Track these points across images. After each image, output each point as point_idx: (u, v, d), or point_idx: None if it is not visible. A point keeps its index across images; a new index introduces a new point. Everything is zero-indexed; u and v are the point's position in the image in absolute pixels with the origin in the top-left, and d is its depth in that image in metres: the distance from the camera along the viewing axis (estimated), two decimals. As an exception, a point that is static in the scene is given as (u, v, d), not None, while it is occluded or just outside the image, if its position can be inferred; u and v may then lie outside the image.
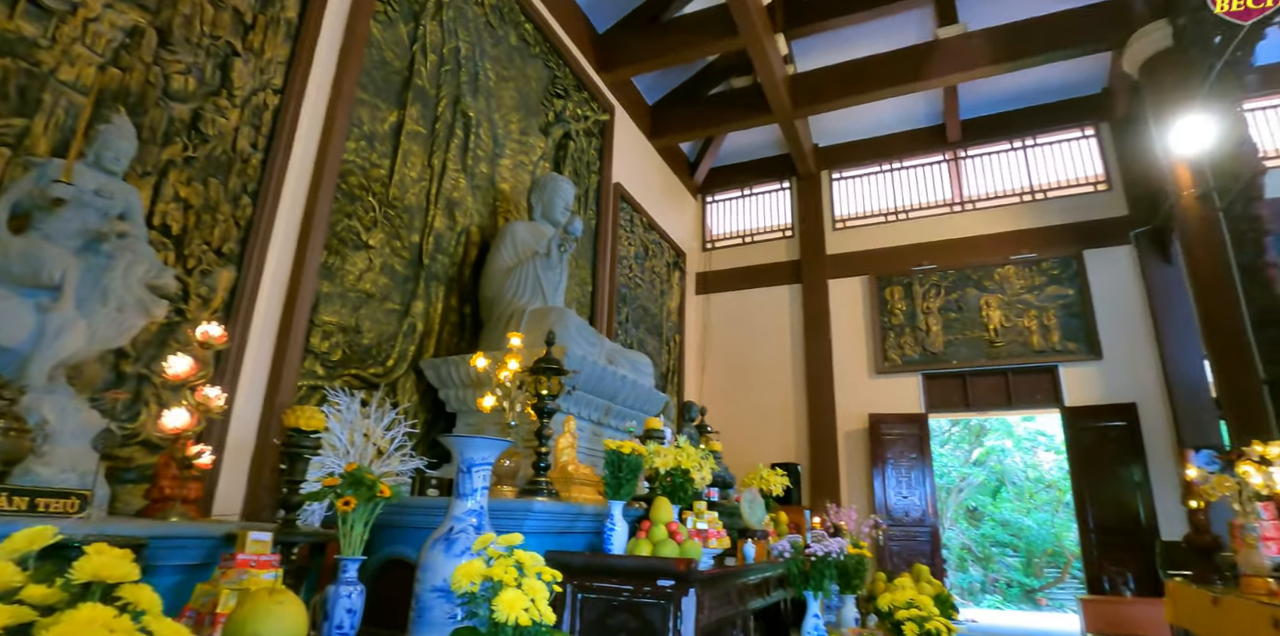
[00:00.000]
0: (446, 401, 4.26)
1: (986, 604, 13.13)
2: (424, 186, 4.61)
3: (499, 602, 1.28)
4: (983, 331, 8.66)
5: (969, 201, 9.41)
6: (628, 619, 2.74)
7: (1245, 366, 5.87)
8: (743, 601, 3.52)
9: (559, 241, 4.41)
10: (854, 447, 8.78)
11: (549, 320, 3.93)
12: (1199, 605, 4.06)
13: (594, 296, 6.83)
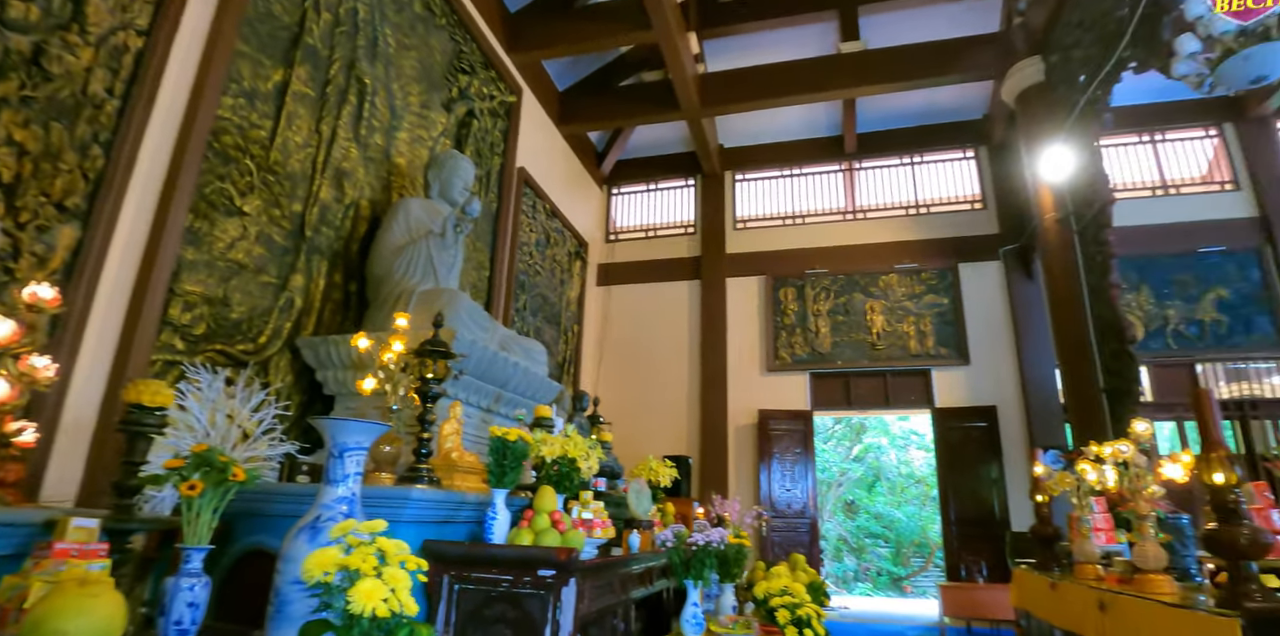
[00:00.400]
0: (325, 383, 3.99)
1: (858, 591, 13.90)
2: (310, 153, 4.29)
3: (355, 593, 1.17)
4: (866, 335, 9.12)
5: (861, 211, 9.89)
6: (506, 609, 2.66)
7: (1088, 376, 6.50)
8: (625, 591, 3.51)
9: (455, 221, 4.23)
10: (743, 442, 9.03)
11: (439, 302, 3.76)
12: (1039, 589, 4.44)
13: (491, 281, 6.63)
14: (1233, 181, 8.92)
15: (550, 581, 2.58)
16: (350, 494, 2.35)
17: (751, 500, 8.62)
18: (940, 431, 8.66)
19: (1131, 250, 8.61)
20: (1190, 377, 8.40)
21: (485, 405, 4.06)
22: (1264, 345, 8.22)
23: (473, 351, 3.57)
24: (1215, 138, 9.17)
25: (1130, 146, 9.39)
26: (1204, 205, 8.84)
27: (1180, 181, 9.13)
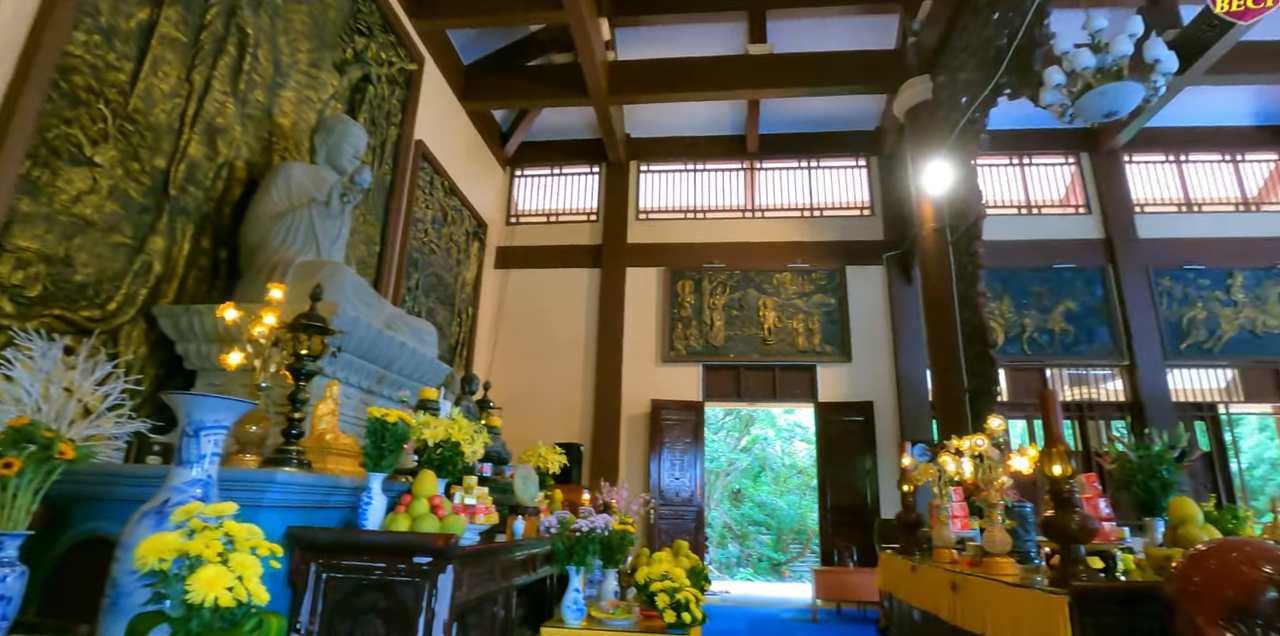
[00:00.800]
0: (185, 356, 3.65)
1: (740, 576, 14.44)
2: (178, 104, 3.89)
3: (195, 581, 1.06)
4: (758, 330, 9.42)
5: (759, 210, 10.18)
6: (378, 598, 2.53)
7: (955, 376, 7.00)
8: (507, 577, 3.44)
9: (342, 191, 3.97)
10: (635, 431, 9.11)
11: (320, 274, 3.51)
12: (902, 572, 4.76)
13: (381, 257, 6.31)
14: (1085, 206, 9.87)
15: (426, 568, 2.48)
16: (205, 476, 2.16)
17: (641, 488, 8.72)
18: (821, 424, 9.10)
19: (997, 263, 9.35)
20: (1040, 380, 9.26)
21: (367, 386, 3.85)
22: (1103, 354, 9.18)
23: (355, 328, 3.37)
24: (1073, 165, 10.11)
25: (1002, 167, 10.20)
26: (1060, 226, 9.74)
27: (1042, 203, 10.01)
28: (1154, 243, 9.53)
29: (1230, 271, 9.43)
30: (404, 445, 2.70)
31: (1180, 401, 9.04)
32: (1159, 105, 8.82)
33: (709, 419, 15.90)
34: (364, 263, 6.04)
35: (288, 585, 2.53)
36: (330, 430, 3.01)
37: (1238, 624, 1.90)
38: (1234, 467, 9.05)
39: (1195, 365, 9.19)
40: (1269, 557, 1.96)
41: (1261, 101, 9.93)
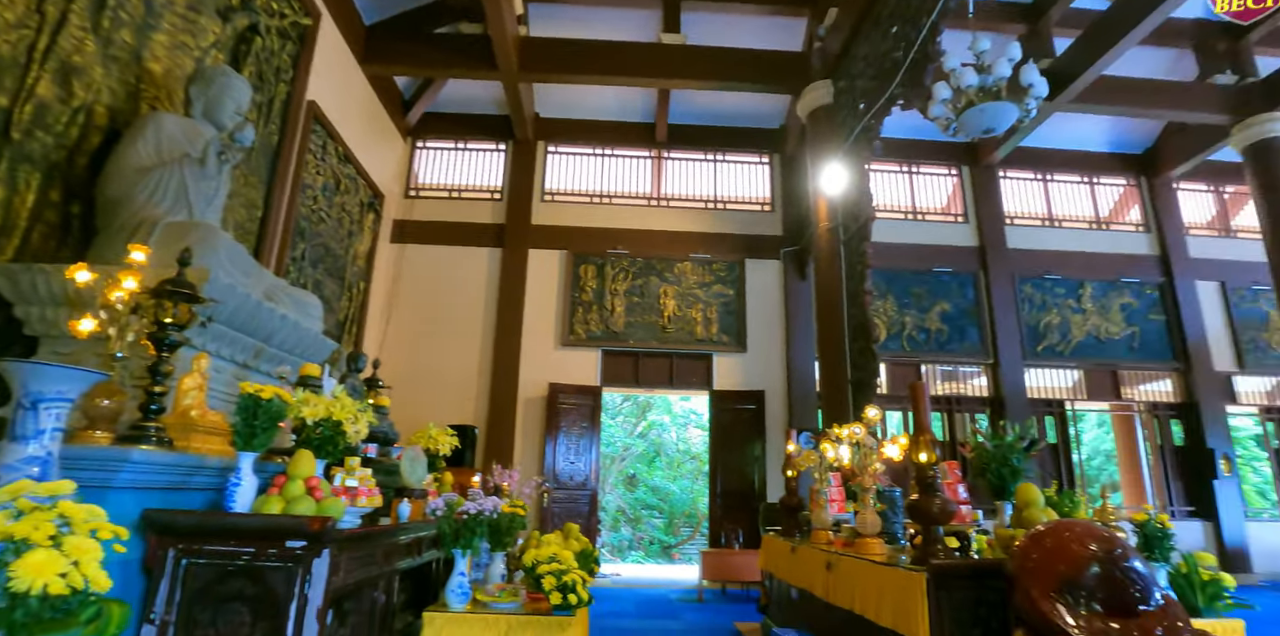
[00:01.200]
0: (26, 321, 3.26)
1: (631, 559, 14.69)
2: (27, 36, 3.45)
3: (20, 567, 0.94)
4: (658, 317, 9.55)
5: (665, 199, 10.28)
6: (245, 585, 2.38)
7: (840, 368, 7.37)
8: (389, 562, 3.33)
9: (220, 148, 3.65)
10: (532, 414, 9.03)
11: (190, 237, 3.23)
12: (782, 553, 4.99)
13: (264, 224, 5.88)
14: (963, 215, 10.62)
15: (300, 553, 2.36)
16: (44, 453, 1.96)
17: (535, 472, 8.68)
18: (715, 412, 9.37)
19: (884, 263, 9.92)
20: (916, 375, 9.93)
21: (242, 360, 3.59)
22: (971, 352, 9.95)
23: (230, 297, 3.13)
24: (955, 177, 10.85)
25: (892, 174, 10.79)
26: (941, 232, 10.44)
27: (926, 210, 10.69)
28: (1020, 253, 10.41)
29: (1082, 282, 10.46)
30: (280, 423, 2.54)
31: (1035, 398, 9.96)
32: (1031, 127, 9.60)
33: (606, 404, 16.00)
34: (244, 228, 5.61)
35: (142, 572, 2.34)
36: (197, 406, 2.79)
37: (1066, 595, 2.12)
38: (1075, 458, 10.10)
39: (1048, 365, 10.14)
40: (1095, 537, 2.19)
41: (1116, 131, 11.02)
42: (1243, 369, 10.43)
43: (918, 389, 3.02)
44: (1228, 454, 9.86)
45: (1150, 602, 2.11)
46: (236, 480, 2.45)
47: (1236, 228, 11.29)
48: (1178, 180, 11.21)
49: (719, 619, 6.14)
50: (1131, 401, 10.33)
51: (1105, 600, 2.11)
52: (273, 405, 2.41)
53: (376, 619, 3.27)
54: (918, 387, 3.02)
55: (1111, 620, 2.07)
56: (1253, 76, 9.35)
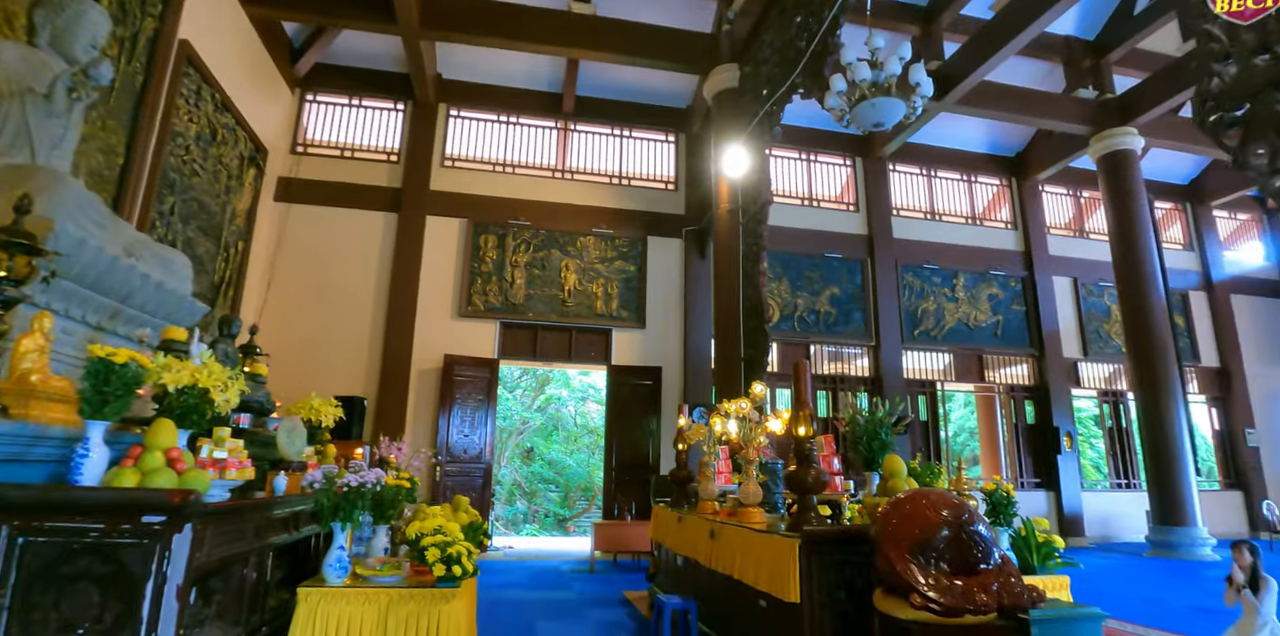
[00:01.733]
0: None
1: (526, 532, 14.69)
2: None
3: None
4: (559, 291, 9.48)
5: (570, 171, 10.15)
6: (93, 564, 2.21)
7: (734, 346, 7.62)
8: (262, 537, 3.17)
9: (71, 85, 3.27)
10: (425, 386, 8.78)
11: (32, 183, 2.88)
12: (670, 523, 5.15)
13: (126, 172, 5.34)
14: (855, 204, 11.14)
15: (159, 528, 2.21)
16: None
17: (428, 444, 8.49)
18: (613, 386, 9.46)
19: (780, 247, 10.28)
20: (806, 354, 10.41)
21: (96, 321, 3.27)
22: (856, 335, 10.53)
23: (80, 252, 2.83)
24: (849, 167, 11.34)
25: (793, 161, 11.14)
26: (834, 219, 10.92)
27: (821, 197, 11.13)
28: (904, 242, 11.07)
29: (956, 273, 11.27)
30: (138, 391, 2.34)
31: (910, 378, 10.70)
32: (919, 125, 10.17)
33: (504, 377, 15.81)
34: (100, 176, 5.07)
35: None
36: (38, 370, 2.52)
37: (919, 556, 2.32)
38: (943, 435, 10.97)
39: (923, 349, 10.90)
40: (947, 504, 2.40)
41: (993, 135, 11.86)
42: (1087, 356, 11.63)
43: (800, 366, 3.17)
44: (1070, 432, 11.02)
45: (990, 561, 2.34)
46: (84, 451, 2.24)
47: (1089, 230, 12.48)
48: (1043, 183, 12.23)
49: (609, 588, 6.28)
50: (993, 383, 11.30)
51: (952, 560, 2.33)
52: (127, 370, 2.22)
53: (247, 597, 3.12)
54: (800, 365, 3.17)
55: (956, 577, 2.28)
56: (1111, 93, 10.29)
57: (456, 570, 2.82)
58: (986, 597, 2.20)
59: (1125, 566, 8.26)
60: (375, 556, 3.29)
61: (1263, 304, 13.06)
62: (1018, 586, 2.28)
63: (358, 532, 3.40)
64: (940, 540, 2.34)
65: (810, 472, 3.01)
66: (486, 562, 7.81)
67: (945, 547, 2.34)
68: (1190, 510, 9.02)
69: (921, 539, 2.33)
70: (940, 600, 2.17)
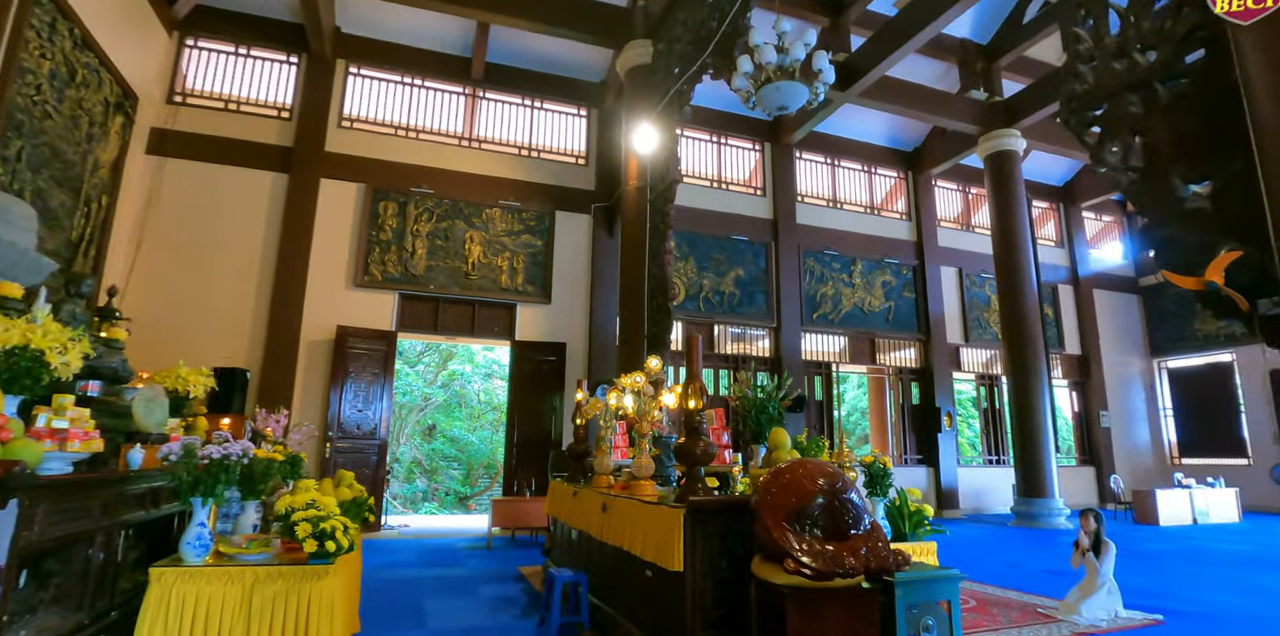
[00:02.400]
0: None
1: (425, 510, 14.33)
2: None
3: None
4: (462, 263, 9.20)
5: (478, 140, 9.82)
6: (-106, 546, 1.96)
7: (638, 323, 7.66)
8: (111, 514, 2.93)
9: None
10: (316, 358, 8.35)
11: None
12: (565, 498, 5.13)
13: (-43, 111, 4.71)
14: (762, 189, 11.38)
15: (-26, 503, 1.98)
16: None
17: (319, 420, 8.12)
18: (517, 362, 9.32)
19: (689, 227, 10.39)
20: (710, 335, 10.60)
21: (-92, 275, 2.88)
22: (759, 316, 10.82)
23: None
24: (758, 152, 11.55)
25: (704, 142, 11.23)
26: (743, 203, 11.12)
27: (730, 180, 11.29)
28: (807, 229, 11.43)
29: (854, 260, 11.76)
30: (-48, 350, 2.08)
31: (808, 360, 11.12)
32: (825, 114, 10.46)
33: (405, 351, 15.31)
34: (-74, 112, 4.45)
35: None
36: None
37: (795, 523, 2.40)
38: (836, 413, 11.49)
39: (821, 331, 11.34)
40: (823, 473, 2.50)
41: (893, 129, 12.38)
42: (967, 342, 12.46)
43: (693, 341, 3.20)
44: (950, 412, 11.81)
45: (860, 527, 2.45)
46: (-117, 417, 1.97)
47: (975, 224, 13.31)
48: (936, 178, 12.90)
49: (504, 564, 6.23)
50: (884, 366, 11.92)
51: (825, 526, 2.43)
52: (-63, 326, 1.96)
53: (93, 580, 2.88)
54: (693, 340, 3.20)
55: (828, 542, 2.38)
56: (999, 96, 10.93)
57: (330, 546, 2.69)
58: (855, 561, 2.31)
59: (992, 534, 8.99)
60: (244, 533, 3.10)
61: (1119, 298, 14.41)
62: (884, 550, 2.40)
63: (224, 509, 3.19)
64: (815, 507, 2.43)
65: (698, 445, 3.06)
66: (380, 542, 7.59)
67: (819, 515, 2.43)
68: (1050, 484, 9.90)
69: (797, 507, 2.42)
70: (812, 565, 2.26)
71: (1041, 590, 5.15)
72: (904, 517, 3.68)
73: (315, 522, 2.69)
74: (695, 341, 3.20)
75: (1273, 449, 12.22)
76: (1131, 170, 2.60)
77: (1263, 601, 4.87)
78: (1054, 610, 4.44)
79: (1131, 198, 2.59)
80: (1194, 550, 7.62)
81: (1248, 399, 12.82)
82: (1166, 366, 14.31)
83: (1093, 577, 4.46)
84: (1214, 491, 10.57)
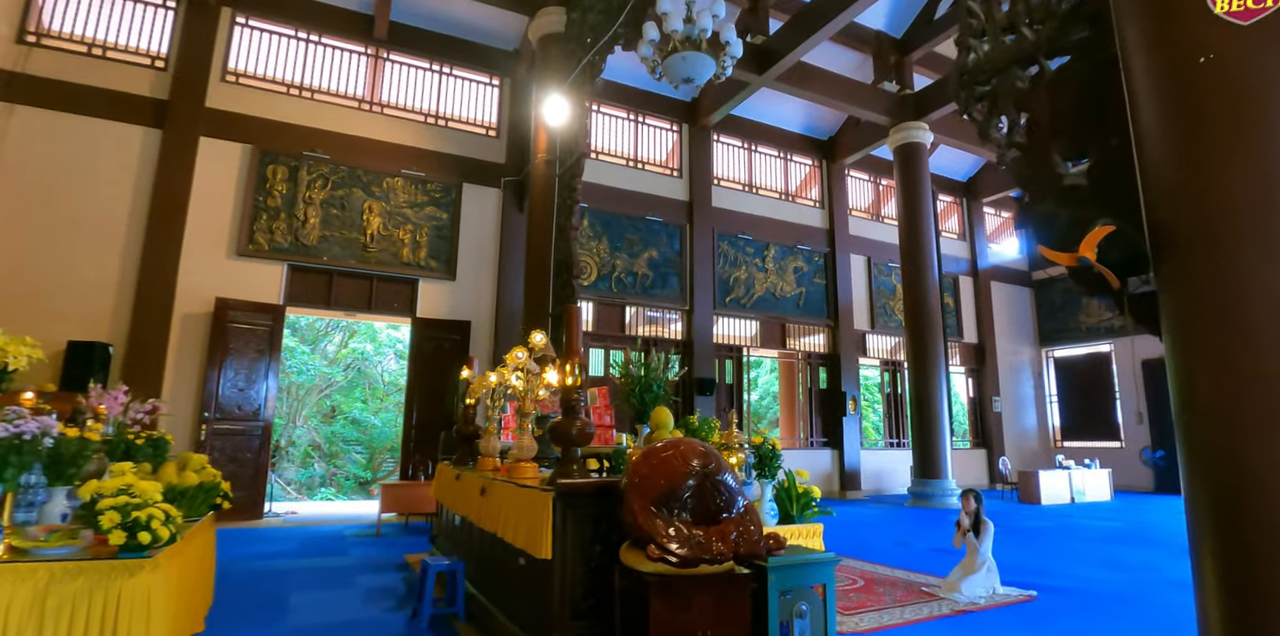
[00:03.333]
0: None
1: (321, 495, 13.62)
2: None
3: None
4: (360, 234, 8.66)
5: (381, 104, 9.23)
6: None
7: (543, 301, 7.41)
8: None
9: None
10: (192, 333, 7.69)
11: None
12: (450, 481, 4.86)
13: None
14: (678, 170, 11.26)
15: None
16: None
17: (194, 400, 7.49)
18: (417, 340, 8.88)
19: (603, 206, 10.16)
20: (621, 316, 10.43)
21: None
22: (671, 299, 10.73)
23: None
24: (675, 133, 11.40)
25: (621, 120, 10.97)
26: (659, 183, 10.96)
27: (647, 160, 11.10)
28: (723, 212, 11.40)
29: (767, 245, 11.84)
30: None
31: (720, 343, 11.14)
32: (744, 96, 10.40)
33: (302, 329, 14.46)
34: None
35: None
36: None
37: (663, 507, 2.25)
38: (746, 397, 11.60)
39: (733, 315, 11.38)
40: (696, 454, 2.36)
41: (809, 117, 12.49)
42: (873, 328, 12.82)
43: (570, 312, 3.01)
44: (855, 396, 12.13)
45: (733, 511, 2.33)
46: None
47: (883, 215, 13.66)
48: (849, 168, 13.14)
49: (391, 552, 5.91)
50: (794, 351, 12.11)
51: (695, 509, 2.29)
52: None
53: None
54: (571, 310, 3.01)
55: (697, 527, 2.25)
56: (910, 89, 11.17)
57: (144, 537, 2.36)
58: (724, 547, 2.18)
59: (888, 514, 9.30)
60: (50, 522, 2.70)
61: (1014, 291, 15.17)
62: (756, 535, 2.29)
63: (29, 496, 2.78)
64: (686, 490, 2.29)
65: (574, 424, 2.87)
66: (261, 530, 7.09)
67: (690, 497, 2.29)
68: (944, 465, 10.32)
69: (667, 489, 2.27)
70: (676, 551, 2.12)
71: (927, 568, 5.28)
72: (792, 499, 3.62)
73: (126, 511, 2.34)
74: (573, 313, 3.00)
75: (1143, 433, 13.20)
76: (1015, 146, 2.55)
77: (1128, 576, 5.16)
78: (936, 588, 4.54)
79: (1014, 174, 2.55)
80: (1070, 527, 8.09)
81: (1122, 386, 13.79)
82: (1053, 355, 15.22)
83: (973, 556, 4.58)
84: (1090, 472, 11.32)
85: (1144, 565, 5.61)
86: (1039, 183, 2.42)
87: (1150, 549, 6.49)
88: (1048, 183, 2.38)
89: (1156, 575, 5.19)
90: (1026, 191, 2.47)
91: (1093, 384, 14.37)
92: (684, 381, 10.56)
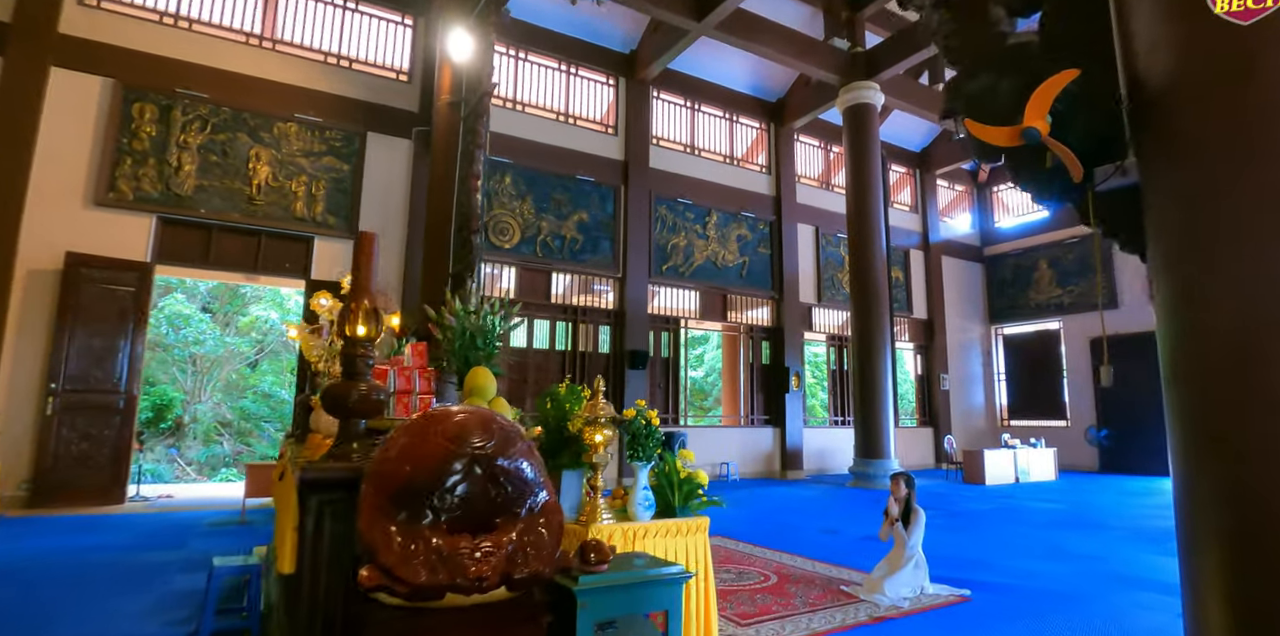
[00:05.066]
0: None
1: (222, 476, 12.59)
2: None
3: None
4: (245, 185, 7.66)
5: (274, 40, 8.17)
6: None
7: (443, 260, 6.58)
8: None
9: None
10: (37, 292, 6.68)
11: None
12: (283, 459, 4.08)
13: None
14: (614, 128, 10.40)
15: None
16: None
17: (40, 368, 6.51)
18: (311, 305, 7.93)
19: (528, 163, 9.29)
20: (547, 281, 9.62)
21: None
22: (603, 265, 9.95)
23: None
24: (611, 87, 10.53)
25: (551, 70, 10.04)
26: (592, 141, 10.10)
27: (579, 115, 10.21)
28: (661, 174, 10.61)
29: (709, 211, 11.10)
30: None
31: (655, 314, 10.42)
32: (684, 45, 9.55)
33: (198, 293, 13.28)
34: None
35: None
36: None
37: (405, 507, 1.51)
38: (684, 372, 10.93)
39: (670, 285, 10.66)
40: (471, 429, 1.61)
41: (757, 76, 11.71)
42: (820, 302, 12.25)
43: (365, 239, 2.24)
44: (798, 372, 11.57)
45: (520, 509, 1.60)
46: None
47: (833, 184, 13.03)
48: (798, 132, 12.44)
49: (242, 542, 5.09)
50: (738, 324, 11.47)
51: (461, 508, 1.55)
52: None
53: None
54: (365, 238, 2.24)
55: (459, 535, 1.51)
56: (861, 47, 10.47)
57: None
58: (485, 568, 1.45)
59: (825, 496, 8.78)
60: None
61: (965, 266, 14.77)
62: (549, 545, 1.57)
63: None
64: (449, 482, 1.55)
65: (355, 389, 2.12)
66: (115, 517, 6.23)
67: (454, 493, 1.55)
68: (887, 444, 9.85)
69: (415, 479, 1.53)
70: (403, 575, 1.38)
71: (853, 561, 4.70)
72: (673, 487, 2.92)
73: None
74: (368, 239, 2.23)
75: (1089, 412, 12.97)
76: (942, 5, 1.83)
77: (1070, 568, 4.66)
78: (858, 588, 3.94)
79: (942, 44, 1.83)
80: (1013, 509, 7.66)
81: (1070, 365, 13.53)
82: (1003, 332, 14.92)
83: (900, 550, 3.98)
84: (1035, 451, 11.00)
85: (1088, 555, 5.12)
86: (972, 49, 1.70)
87: (1094, 534, 6.05)
88: (984, 47, 1.66)
89: (1100, 567, 4.69)
90: (956, 63, 1.75)
91: (1041, 362, 14.11)
92: (614, 353, 9.85)
